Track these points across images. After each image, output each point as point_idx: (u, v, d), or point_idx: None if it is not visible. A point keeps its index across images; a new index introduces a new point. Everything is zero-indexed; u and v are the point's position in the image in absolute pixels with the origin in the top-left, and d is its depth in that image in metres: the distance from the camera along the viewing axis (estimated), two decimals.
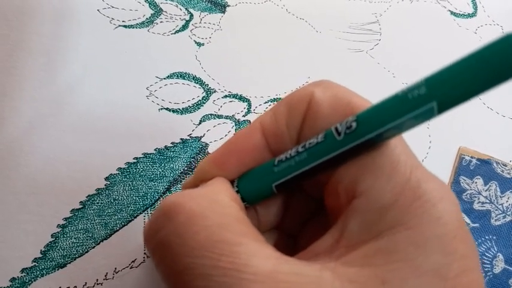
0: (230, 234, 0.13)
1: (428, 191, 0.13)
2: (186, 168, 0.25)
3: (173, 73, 0.27)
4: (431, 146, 0.29)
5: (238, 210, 0.14)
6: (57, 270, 0.22)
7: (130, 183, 0.24)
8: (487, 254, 0.26)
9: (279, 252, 0.13)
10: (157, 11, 0.29)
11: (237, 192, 0.17)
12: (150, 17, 0.28)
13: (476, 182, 0.28)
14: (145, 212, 0.24)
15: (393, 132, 0.13)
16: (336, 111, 0.15)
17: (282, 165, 0.16)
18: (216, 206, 0.14)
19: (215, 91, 0.28)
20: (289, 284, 0.12)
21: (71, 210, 0.23)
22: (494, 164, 0.28)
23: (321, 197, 0.18)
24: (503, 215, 0.27)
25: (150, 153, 0.25)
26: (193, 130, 0.26)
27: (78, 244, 0.22)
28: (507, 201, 0.28)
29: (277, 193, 0.16)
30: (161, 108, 0.26)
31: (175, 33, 0.28)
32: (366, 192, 0.14)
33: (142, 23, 0.28)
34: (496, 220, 0.27)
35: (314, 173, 0.15)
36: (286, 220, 0.19)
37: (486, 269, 0.26)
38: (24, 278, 0.21)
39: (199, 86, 0.27)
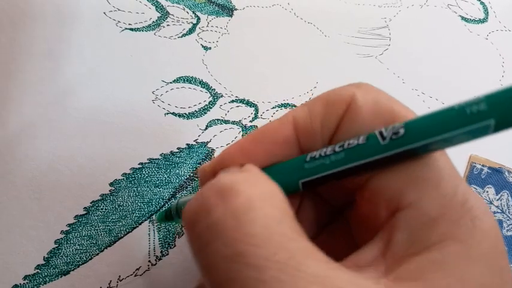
0: (288, 229, 0.12)
1: (475, 205, 0.13)
2: (192, 174, 0.25)
3: (179, 77, 0.27)
4: None
5: (290, 208, 0.14)
6: (61, 277, 0.21)
7: (135, 189, 0.24)
8: None
9: (328, 257, 0.13)
10: (164, 14, 0.28)
11: None
12: (156, 20, 0.28)
13: (487, 191, 0.27)
14: (150, 218, 0.23)
15: (441, 145, 0.13)
16: (378, 117, 0.15)
17: (315, 162, 0.15)
18: (274, 198, 0.13)
19: (222, 96, 0.27)
20: None
21: (75, 216, 0.22)
22: (506, 173, 0.28)
23: (340, 205, 0.18)
24: None
25: (156, 159, 0.25)
26: (199, 135, 0.26)
27: (81, 251, 0.22)
28: None
29: (303, 191, 0.16)
30: (167, 113, 0.26)
31: (182, 36, 0.28)
32: (413, 204, 0.13)
33: (149, 26, 0.28)
34: (507, 230, 0.26)
35: (347, 175, 0.15)
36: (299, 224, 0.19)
37: None
38: (27, 286, 0.21)
39: (206, 91, 0.27)
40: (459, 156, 0.28)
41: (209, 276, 0.13)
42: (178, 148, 0.25)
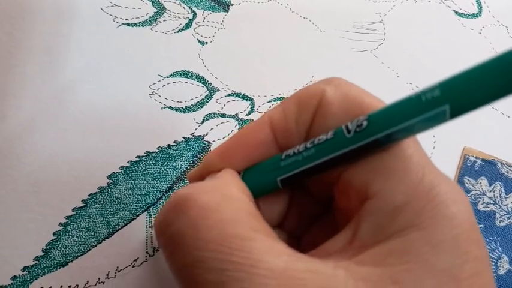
0: (243, 229, 0.13)
1: (442, 192, 0.13)
2: (189, 167, 0.25)
3: (176, 72, 0.27)
4: (436, 146, 0.28)
5: (250, 205, 0.14)
6: (59, 268, 0.22)
7: (132, 181, 0.24)
8: (491, 255, 0.26)
9: (291, 249, 0.13)
10: (161, 10, 0.29)
11: None
12: (153, 16, 0.28)
13: (480, 183, 0.28)
14: (148, 210, 0.24)
15: (403, 134, 0.13)
16: (347, 111, 0.15)
17: (289, 159, 0.16)
18: (229, 200, 0.14)
19: (218, 90, 0.27)
20: (302, 281, 0.12)
21: (73, 209, 0.23)
22: (499, 165, 0.28)
23: (326, 199, 0.18)
24: (508, 216, 0.27)
25: (153, 152, 0.25)
26: (196, 129, 0.26)
27: (80, 243, 0.22)
28: None
29: (282, 188, 0.16)
30: (164, 107, 0.26)
31: (178, 31, 0.28)
32: (378, 193, 0.14)
33: (146, 21, 0.28)
34: (500, 221, 0.27)
35: (321, 169, 0.15)
36: (290, 220, 0.19)
37: None
38: (26, 276, 0.21)
39: (203, 85, 0.27)
40: (453, 148, 0.29)
41: (178, 280, 0.14)
42: (175, 141, 0.25)
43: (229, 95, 0.27)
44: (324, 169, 0.15)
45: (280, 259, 0.12)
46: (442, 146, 0.28)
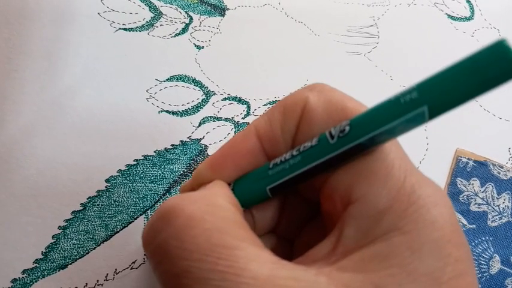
0: (228, 238, 0.13)
1: (423, 196, 0.13)
2: (185, 170, 0.25)
3: (173, 76, 0.28)
4: (429, 148, 0.29)
5: (236, 214, 0.14)
6: (58, 271, 0.22)
7: (130, 185, 0.24)
8: (483, 255, 0.26)
9: (276, 257, 0.13)
10: (157, 14, 0.29)
11: None
12: (150, 20, 0.29)
13: (472, 184, 0.28)
14: (146, 213, 0.24)
15: (386, 136, 0.13)
16: (330, 116, 0.15)
17: (277, 168, 0.16)
18: (215, 210, 0.14)
19: (214, 93, 0.28)
20: None
21: (72, 212, 0.23)
22: (491, 166, 0.29)
23: (317, 201, 0.19)
24: (500, 216, 0.27)
25: (150, 155, 0.25)
26: (192, 132, 0.26)
27: (78, 245, 0.23)
28: (503, 202, 0.28)
29: (272, 197, 0.17)
30: (161, 111, 0.26)
31: (175, 36, 0.29)
32: (360, 198, 0.14)
33: (143, 26, 0.28)
34: (492, 221, 0.27)
35: (308, 176, 0.15)
36: (282, 224, 0.19)
37: (483, 270, 0.26)
38: (26, 279, 0.22)
39: (199, 89, 0.28)
40: (445, 150, 0.29)
41: None
42: (172, 145, 0.26)
43: (225, 99, 0.28)
44: (311, 176, 0.15)
45: (264, 267, 0.12)
46: (434, 148, 0.29)
